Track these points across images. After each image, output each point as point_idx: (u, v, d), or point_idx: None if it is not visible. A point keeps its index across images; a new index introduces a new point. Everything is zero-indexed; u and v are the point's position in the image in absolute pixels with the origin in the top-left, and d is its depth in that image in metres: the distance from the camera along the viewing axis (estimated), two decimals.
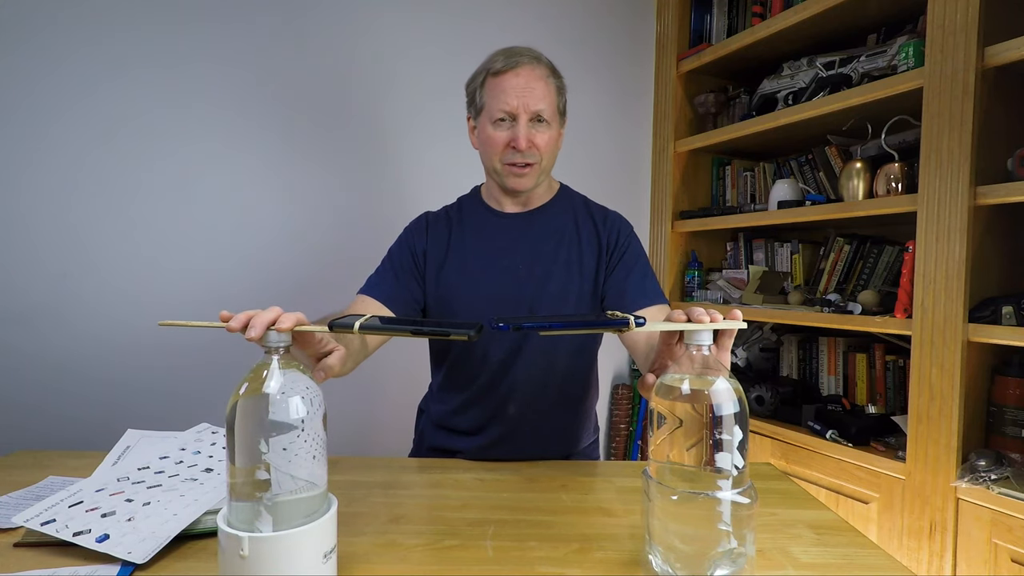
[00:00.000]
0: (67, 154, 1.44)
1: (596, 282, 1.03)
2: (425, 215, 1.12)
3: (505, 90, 0.96)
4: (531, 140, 0.97)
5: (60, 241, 1.44)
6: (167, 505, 0.71)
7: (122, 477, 0.79)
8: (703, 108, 2.05)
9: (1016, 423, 1.24)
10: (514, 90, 0.96)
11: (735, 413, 0.54)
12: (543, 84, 0.98)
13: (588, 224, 1.06)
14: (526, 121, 0.96)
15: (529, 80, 0.96)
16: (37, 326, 1.43)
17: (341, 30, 1.70)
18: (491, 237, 1.06)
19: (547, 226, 1.06)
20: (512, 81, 0.96)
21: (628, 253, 1.04)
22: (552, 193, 1.10)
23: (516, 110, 0.96)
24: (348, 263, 1.77)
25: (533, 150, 0.98)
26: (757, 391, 1.73)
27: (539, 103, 0.96)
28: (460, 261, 1.05)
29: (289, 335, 0.55)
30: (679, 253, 2.11)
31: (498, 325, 0.56)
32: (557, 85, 1.01)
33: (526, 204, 1.07)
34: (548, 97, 0.98)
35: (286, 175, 1.66)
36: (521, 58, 0.98)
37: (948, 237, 1.26)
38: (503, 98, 0.96)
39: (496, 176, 1.03)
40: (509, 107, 0.96)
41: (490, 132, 0.99)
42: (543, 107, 0.97)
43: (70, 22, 1.43)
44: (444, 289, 1.04)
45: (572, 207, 1.08)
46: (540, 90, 0.97)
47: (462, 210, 1.11)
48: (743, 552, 0.54)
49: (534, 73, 0.97)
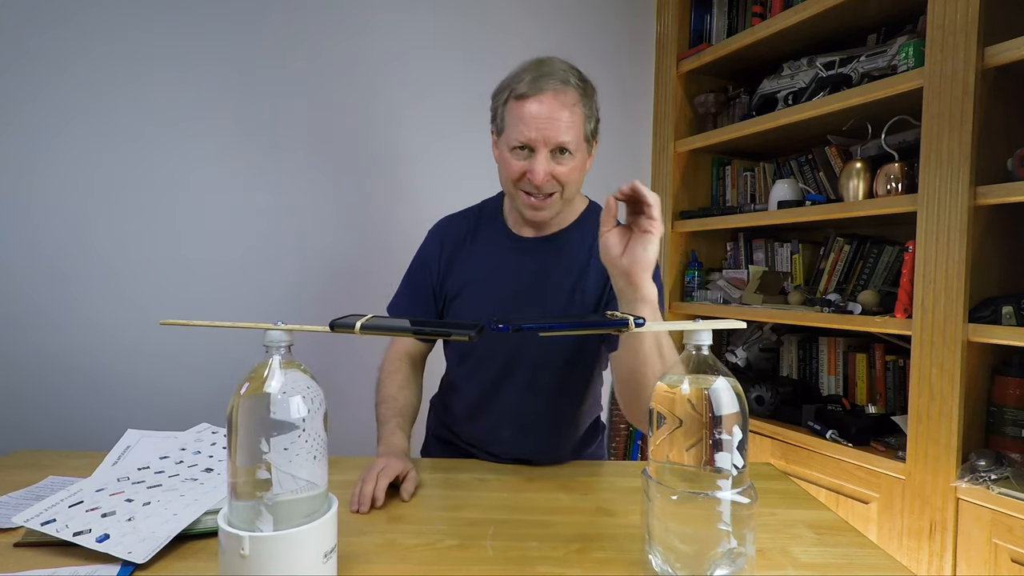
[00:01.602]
0: (68, 155, 1.44)
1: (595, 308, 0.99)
2: (440, 224, 1.11)
3: (525, 119, 0.88)
4: (551, 172, 0.89)
5: (60, 241, 1.44)
6: (167, 505, 0.71)
7: (122, 477, 0.79)
8: (703, 108, 2.05)
9: (1016, 423, 1.24)
10: (535, 120, 0.87)
11: (735, 413, 0.54)
12: (568, 114, 0.88)
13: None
14: (546, 154, 0.88)
15: (552, 110, 0.87)
16: (37, 326, 1.43)
17: (342, 32, 1.70)
18: (499, 259, 1.02)
19: (558, 254, 1.00)
20: (534, 109, 0.87)
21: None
22: (574, 215, 1.03)
23: (535, 143, 0.88)
24: (350, 265, 1.78)
25: (552, 182, 0.91)
26: (757, 391, 1.73)
27: (562, 135, 0.88)
28: (466, 280, 1.04)
29: (290, 335, 0.55)
30: (679, 253, 2.11)
31: (498, 326, 0.56)
32: (585, 113, 0.91)
33: (544, 228, 1.01)
34: (574, 128, 0.89)
35: (288, 176, 1.66)
36: (548, 82, 0.88)
37: (948, 237, 1.26)
38: (522, 128, 0.88)
39: (512, 201, 0.98)
40: (527, 139, 0.88)
41: (507, 157, 0.92)
42: (567, 139, 0.88)
43: (72, 27, 1.43)
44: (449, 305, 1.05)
45: (591, 233, 0.98)
46: (564, 121, 0.88)
47: (480, 220, 1.08)
48: (743, 552, 0.54)
49: (558, 101, 0.88)
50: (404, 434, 0.96)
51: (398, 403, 1.00)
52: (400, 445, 0.92)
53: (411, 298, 1.09)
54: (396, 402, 1.00)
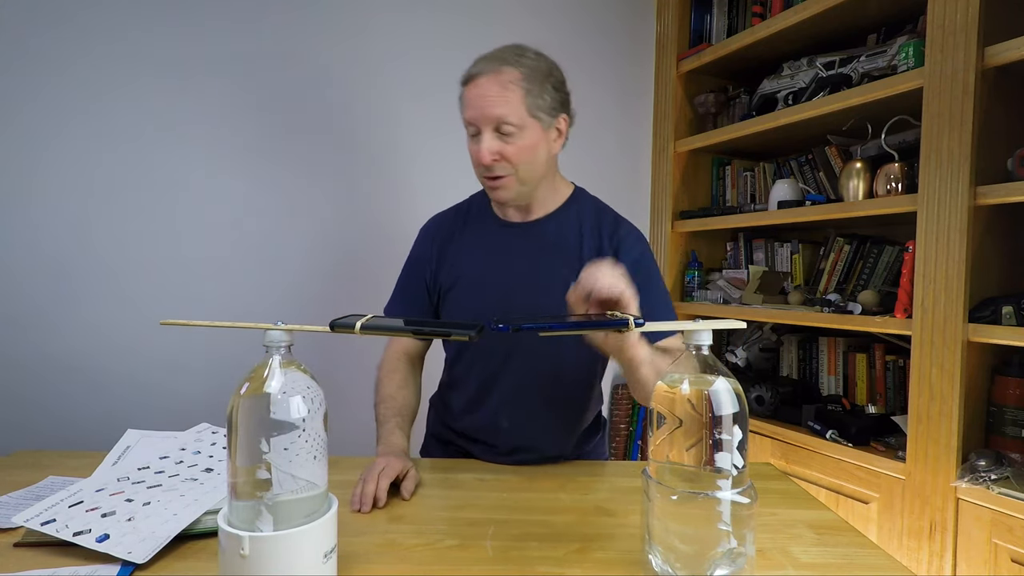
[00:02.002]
0: (68, 156, 1.44)
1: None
2: (429, 223, 1.13)
3: (467, 102, 0.93)
4: (499, 152, 0.91)
5: (60, 241, 1.44)
6: (167, 505, 0.71)
7: (122, 477, 0.79)
8: (703, 108, 2.05)
9: (1016, 423, 1.24)
10: (472, 101, 0.92)
11: (735, 413, 0.54)
12: (501, 90, 0.90)
13: (594, 237, 1.00)
14: (490, 132, 0.91)
15: (487, 88, 0.90)
16: (37, 326, 1.43)
17: (343, 32, 1.70)
18: (489, 247, 1.03)
19: (547, 238, 1.01)
20: (472, 92, 0.92)
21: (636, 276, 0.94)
22: (560, 200, 1.03)
23: (476, 121, 0.92)
24: (350, 265, 1.78)
25: (501, 162, 0.92)
26: (757, 391, 1.73)
27: (497, 109, 0.89)
28: (458, 270, 1.04)
29: (290, 335, 0.55)
30: (679, 253, 2.11)
31: (498, 326, 0.57)
32: (526, 87, 0.91)
33: (528, 212, 1.02)
34: (511, 103, 0.90)
35: (288, 176, 1.66)
36: (486, 64, 0.92)
37: (948, 237, 1.26)
38: (466, 111, 0.93)
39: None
40: (468, 119, 0.93)
41: (469, 146, 0.96)
42: (503, 113, 0.89)
43: (72, 28, 1.43)
44: (447, 291, 1.05)
45: (579, 216, 1.01)
46: (496, 97, 0.89)
47: (470, 212, 1.09)
48: (743, 552, 0.54)
49: (493, 80, 0.90)
50: (403, 433, 0.97)
51: (397, 402, 1.01)
52: (399, 444, 0.93)
53: (406, 298, 1.10)
54: (395, 401, 1.01)
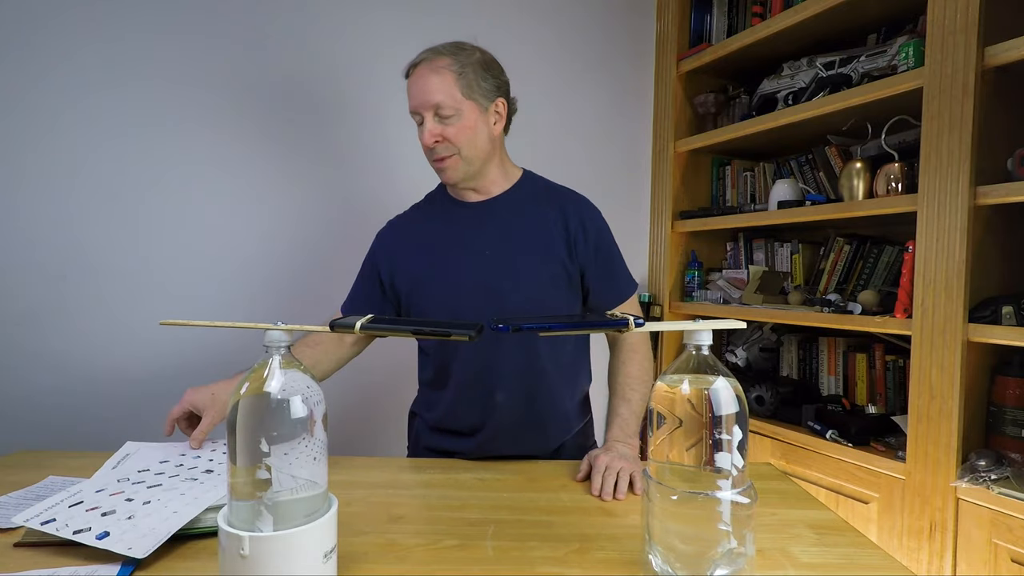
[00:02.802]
0: (67, 155, 1.44)
1: (563, 262, 1.03)
2: (389, 222, 1.16)
3: (408, 93, 1.00)
4: (440, 134, 0.98)
5: (60, 241, 1.44)
6: (167, 503, 0.71)
7: (122, 479, 0.79)
8: (703, 108, 2.05)
9: (1016, 423, 1.24)
10: (412, 91, 0.99)
11: (735, 413, 0.54)
12: (436, 77, 0.96)
13: (552, 208, 1.06)
14: (431, 118, 0.98)
15: (422, 76, 0.97)
16: (37, 326, 1.43)
17: (341, 29, 1.70)
18: (456, 226, 1.07)
19: (509, 211, 1.06)
20: (411, 82, 0.99)
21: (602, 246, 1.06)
22: (511, 181, 1.09)
23: (418, 110, 0.98)
24: (350, 265, 1.78)
25: (444, 143, 0.99)
26: (757, 391, 1.73)
27: (433, 96, 0.96)
28: (427, 252, 1.07)
29: (290, 335, 0.55)
30: (679, 253, 2.11)
31: (498, 327, 0.56)
32: (457, 71, 0.97)
33: (485, 193, 1.08)
34: (444, 88, 0.96)
35: (288, 176, 1.66)
36: (422, 55, 0.99)
37: (948, 237, 1.26)
38: (409, 101, 1.00)
39: None
40: (411, 108, 0.99)
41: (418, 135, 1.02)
42: (439, 99, 0.96)
43: (69, 24, 1.43)
44: (414, 282, 1.06)
45: (534, 193, 1.08)
46: (433, 84, 0.96)
47: (430, 204, 1.14)
48: (743, 552, 0.54)
49: (427, 68, 0.97)
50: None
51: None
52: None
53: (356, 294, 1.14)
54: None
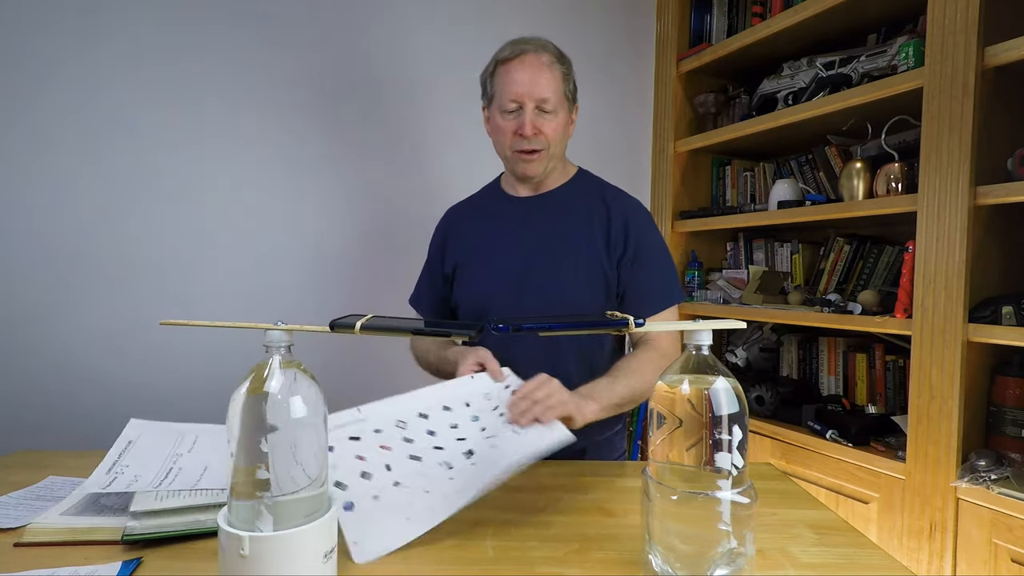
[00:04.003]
0: (67, 155, 1.44)
1: (602, 265, 1.04)
2: (448, 211, 1.21)
3: (512, 79, 1.00)
4: (538, 128, 1.01)
5: (60, 241, 1.44)
6: (412, 496, 0.68)
7: (401, 423, 0.78)
8: (703, 108, 2.04)
9: (1016, 423, 1.24)
10: (520, 78, 1.00)
11: (735, 413, 0.54)
12: (547, 72, 1.00)
13: (600, 207, 1.08)
14: (532, 109, 1.00)
15: (533, 68, 1.00)
16: (37, 326, 1.43)
17: (349, 30, 1.70)
18: (502, 218, 1.11)
19: (557, 206, 1.09)
20: (518, 69, 1.00)
21: (642, 251, 1.05)
22: (567, 177, 1.13)
23: (522, 98, 1.00)
24: (350, 265, 1.78)
25: (540, 137, 1.02)
26: (757, 391, 1.73)
27: (543, 91, 1.00)
28: (473, 241, 1.12)
29: (290, 335, 0.55)
30: (679, 253, 2.11)
31: (498, 327, 0.56)
32: (563, 71, 1.03)
33: (538, 188, 1.12)
34: (553, 84, 1.01)
35: (288, 176, 1.66)
36: (527, 46, 1.01)
37: (948, 237, 1.26)
38: (510, 87, 1.00)
39: (507, 163, 1.09)
40: (515, 95, 1.00)
41: (499, 121, 1.04)
42: (548, 95, 1.00)
43: (72, 23, 1.43)
44: (459, 269, 1.12)
45: (586, 190, 1.11)
46: (545, 78, 1.00)
47: (483, 197, 1.19)
48: (743, 552, 0.54)
49: (538, 61, 1.00)
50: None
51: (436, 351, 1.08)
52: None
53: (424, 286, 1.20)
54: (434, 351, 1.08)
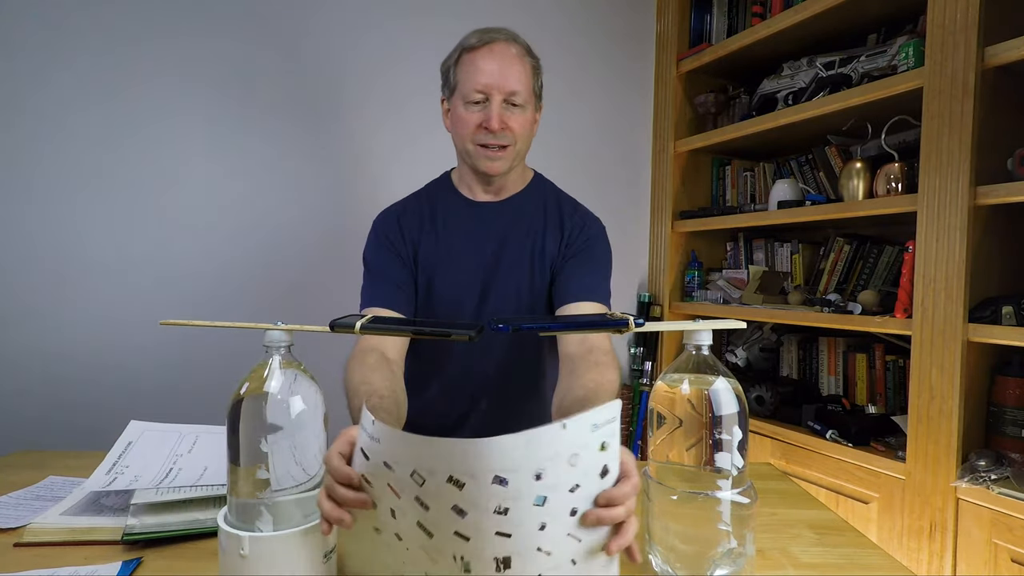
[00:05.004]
0: (66, 155, 1.44)
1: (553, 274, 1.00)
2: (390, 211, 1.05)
3: (479, 68, 0.92)
4: (505, 121, 0.92)
5: (59, 241, 1.44)
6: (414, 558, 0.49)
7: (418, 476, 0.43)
8: (703, 108, 2.04)
9: (1016, 423, 1.24)
10: (488, 68, 0.91)
11: (735, 413, 0.54)
12: (518, 64, 0.93)
13: (555, 216, 1.02)
14: (500, 101, 0.92)
15: (503, 59, 0.92)
16: (37, 326, 1.43)
17: (341, 29, 1.70)
18: (465, 226, 1.01)
19: (519, 215, 1.02)
20: (486, 58, 0.92)
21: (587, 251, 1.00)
22: (525, 182, 1.05)
23: (489, 90, 0.91)
24: (350, 265, 1.78)
25: (507, 132, 0.93)
26: (757, 391, 1.73)
27: (513, 84, 0.92)
28: (435, 249, 1.01)
29: (290, 335, 0.55)
30: (679, 253, 2.11)
31: (498, 326, 0.56)
32: (533, 66, 0.96)
33: (499, 192, 1.02)
34: (523, 78, 0.93)
35: (289, 176, 1.66)
36: (497, 35, 0.94)
37: (948, 237, 1.26)
38: (477, 77, 0.92)
39: (468, 159, 0.97)
40: (481, 86, 0.91)
41: (462, 113, 0.94)
42: (518, 88, 0.92)
43: (69, 26, 1.43)
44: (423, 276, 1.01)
45: (544, 198, 1.04)
46: (515, 70, 0.92)
47: (433, 198, 1.05)
48: (743, 552, 0.54)
49: (508, 51, 0.93)
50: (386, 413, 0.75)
51: (371, 386, 0.79)
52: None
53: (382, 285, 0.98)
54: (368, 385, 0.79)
